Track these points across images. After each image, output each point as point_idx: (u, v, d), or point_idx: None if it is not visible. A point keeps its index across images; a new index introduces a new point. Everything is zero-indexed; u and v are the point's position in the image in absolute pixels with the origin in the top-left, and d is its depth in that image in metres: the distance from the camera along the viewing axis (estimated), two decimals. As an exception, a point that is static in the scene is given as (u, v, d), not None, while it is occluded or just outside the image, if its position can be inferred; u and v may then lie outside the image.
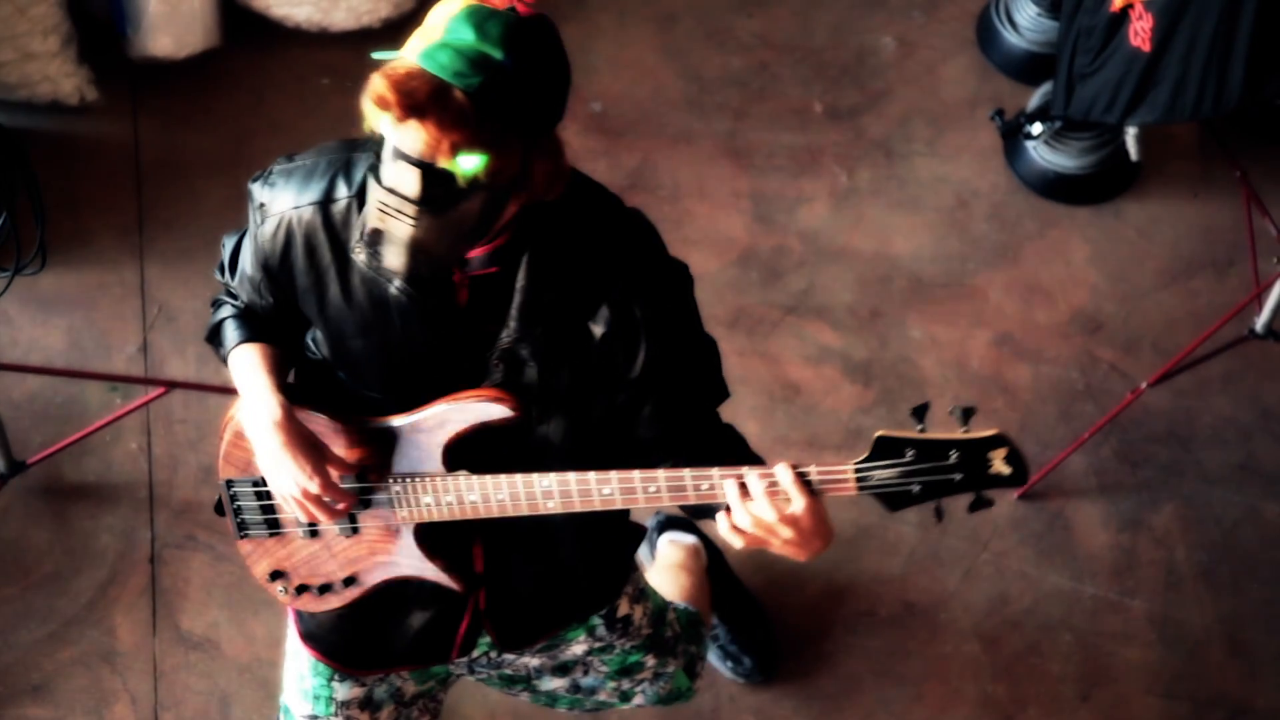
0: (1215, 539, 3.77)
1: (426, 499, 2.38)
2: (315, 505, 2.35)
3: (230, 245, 2.48)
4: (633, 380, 2.32)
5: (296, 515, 2.39)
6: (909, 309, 4.02)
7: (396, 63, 2.07)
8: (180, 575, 3.58)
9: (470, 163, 2.07)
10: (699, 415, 2.40)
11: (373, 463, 2.38)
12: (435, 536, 2.45)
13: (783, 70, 4.36)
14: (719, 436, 2.41)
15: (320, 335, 2.40)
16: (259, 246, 2.35)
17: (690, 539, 3.49)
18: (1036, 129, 3.95)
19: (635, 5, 4.43)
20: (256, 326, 2.44)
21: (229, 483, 2.52)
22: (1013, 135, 4.02)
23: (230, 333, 2.45)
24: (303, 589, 2.57)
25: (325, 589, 2.55)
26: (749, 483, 2.21)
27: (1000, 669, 3.59)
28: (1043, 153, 4.17)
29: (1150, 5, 3.38)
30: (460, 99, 2.04)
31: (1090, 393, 3.92)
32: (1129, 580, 3.71)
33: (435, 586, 2.51)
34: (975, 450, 2.14)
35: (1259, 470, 3.86)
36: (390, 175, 2.12)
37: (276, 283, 2.37)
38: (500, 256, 2.26)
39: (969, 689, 3.57)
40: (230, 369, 2.43)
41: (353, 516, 2.45)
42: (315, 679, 2.71)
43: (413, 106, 2.04)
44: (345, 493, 2.37)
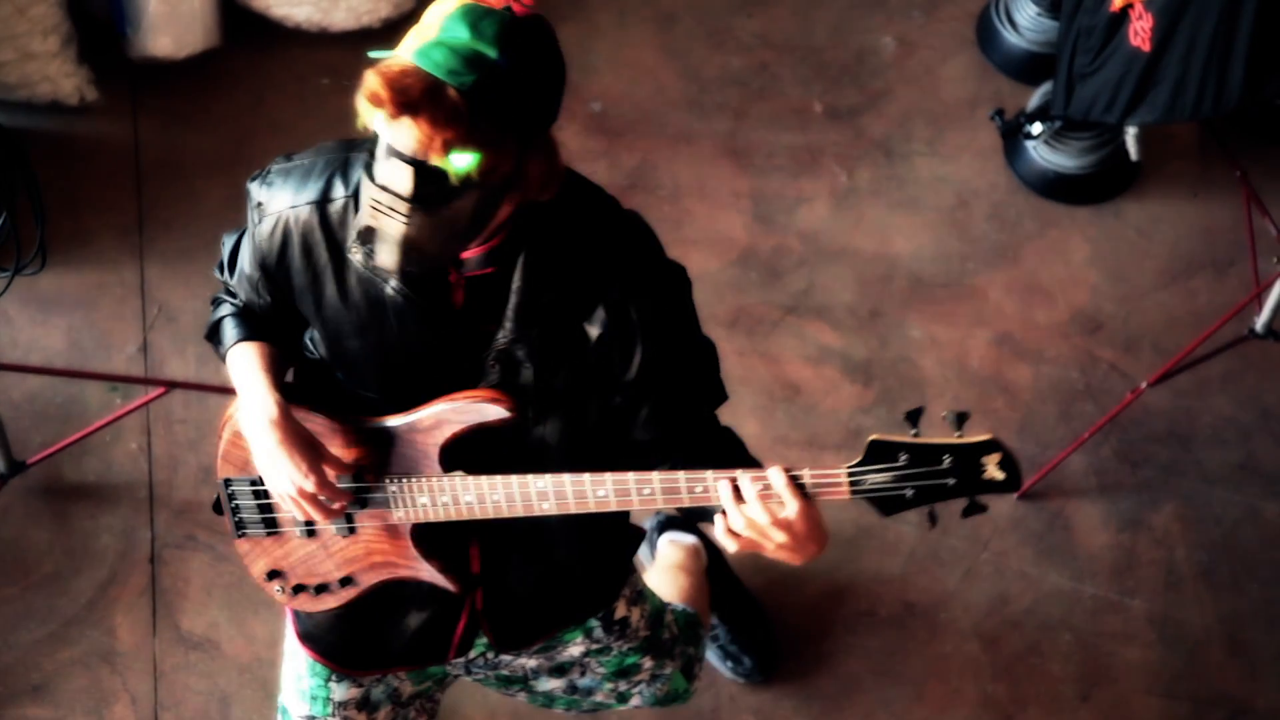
0: (1215, 539, 3.77)
1: (423, 499, 2.38)
2: (311, 504, 2.35)
3: (230, 244, 2.48)
4: (629, 382, 2.32)
5: (293, 514, 2.39)
6: (909, 309, 4.02)
7: (391, 60, 2.07)
8: (180, 575, 3.58)
9: (463, 161, 2.07)
10: (696, 418, 2.39)
11: (369, 463, 2.38)
12: (432, 537, 2.45)
13: (783, 70, 4.36)
14: (716, 439, 2.40)
15: (317, 335, 2.40)
16: (256, 246, 2.36)
17: (690, 539, 3.48)
18: (1036, 129, 3.94)
19: (635, 5, 4.42)
20: (255, 325, 2.45)
21: (227, 482, 2.53)
22: (1013, 135, 4.02)
23: (229, 331, 2.45)
24: (299, 589, 2.57)
25: (322, 589, 2.55)
26: (742, 486, 2.20)
27: (1000, 669, 3.59)
28: (1043, 153, 4.16)
29: (1150, 5, 3.38)
30: (454, 97, 2.04)
31: (1090, 392, 3.92)
32: (1129, 580, 3.71)
33: (432, 587, 2.51)
34: (968, 455, 2.13)
35: (1259, 470, 3.86)
36: (383, 172, 2.12)
37: (274, 282, 2.37)
38: (496, 257, 2.26)
39: (969, 689, 3.57)
40: (228, 367, 2.44)
41: (349, 516, 2.45)
42: (312, 679, 2.71)
43: (406, 103, 2.04)
44: (341, 491, 2.37)
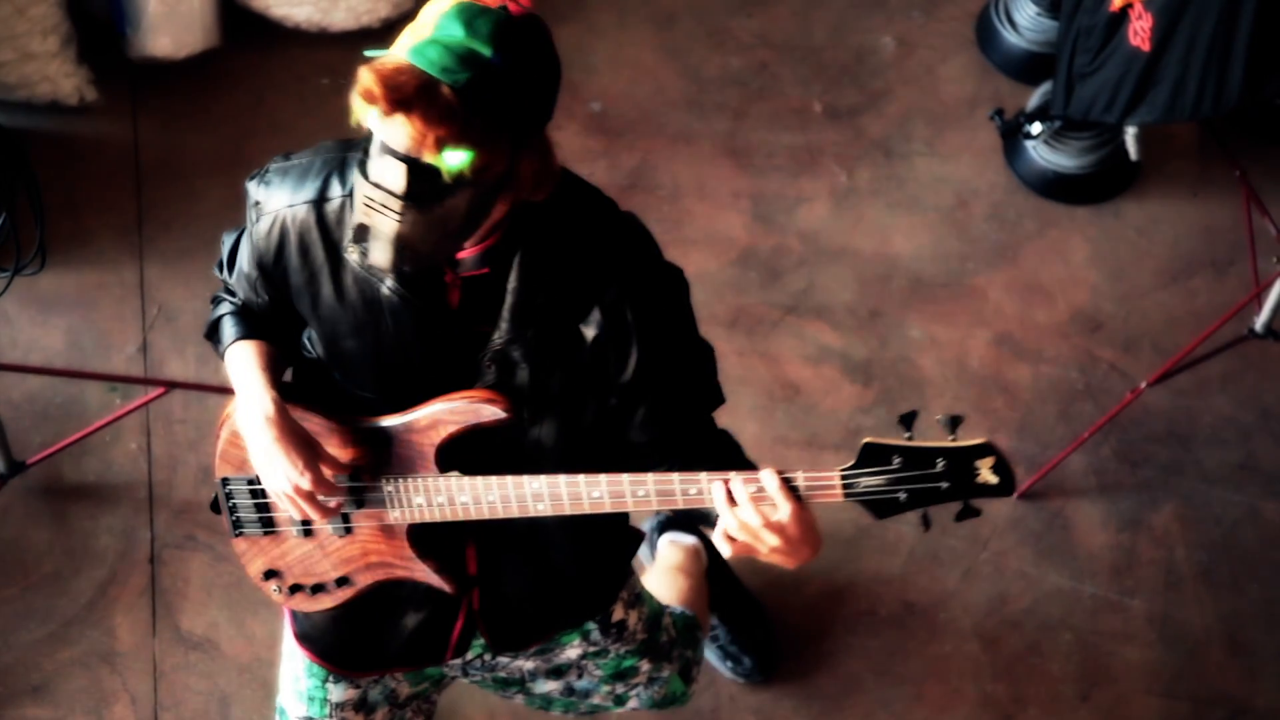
0: (1215, 539, 3.76)
1: (418, 499, 2.37)
2: (307, 501, 2.35)
3: (229, 242, 2.49)
4: (624, 384, 2.31)
5: (290, 512, 2.39)
6: (909, 309, 4.02)
7: (385, 58, 2.08)
8: (180, 575, 3.58)
9: (456, 158, 2.07)
10: (692, 420, 2.39)
11: (366, 463, 2.38)
12: (428, 537, 2.45)
13: (782, 70, 4.36)
14: (713, 442, 2.40)
15: (314, 334, 2.40)
16: (254, 244, 2.36)
17: (690, 540, 3.48)
18: (1036, 129, 3.94)
19: (635, 5, 4.42)
20: (253, 324, 2.45)
21: (224, 481, 2.53)
22: (1012, 135, 4.02)
23: (227, 330, 2.46)
24: (296, 588, 2.57)
25: (318, 589, 2.55)
26: (734, 488, 2.20)
27: (1000, 669, 3.59)
28: (1042, 152, 4.16)
29: (1150, 5, 3.38)
30: (447, 94, 2.04)
31: (1090, 392, 3.92)
32: (1129, 580, 3.70)
33: (429, 588, 2.51)
34: (962, 459, 2.13)
35: (1259, 470, 3.85)
36: (376, 170, 2.12)
37: (271, 281, 2.37)
38: (492, 257, 2.26)
39: (969, 689, 3.56)
40: (226, 365, 2.44)
41: (346, 516, 2.45)
42: (310, 680, 2.71)
43: (399, 100, 2.04)
44: (337, 489, 2.37)
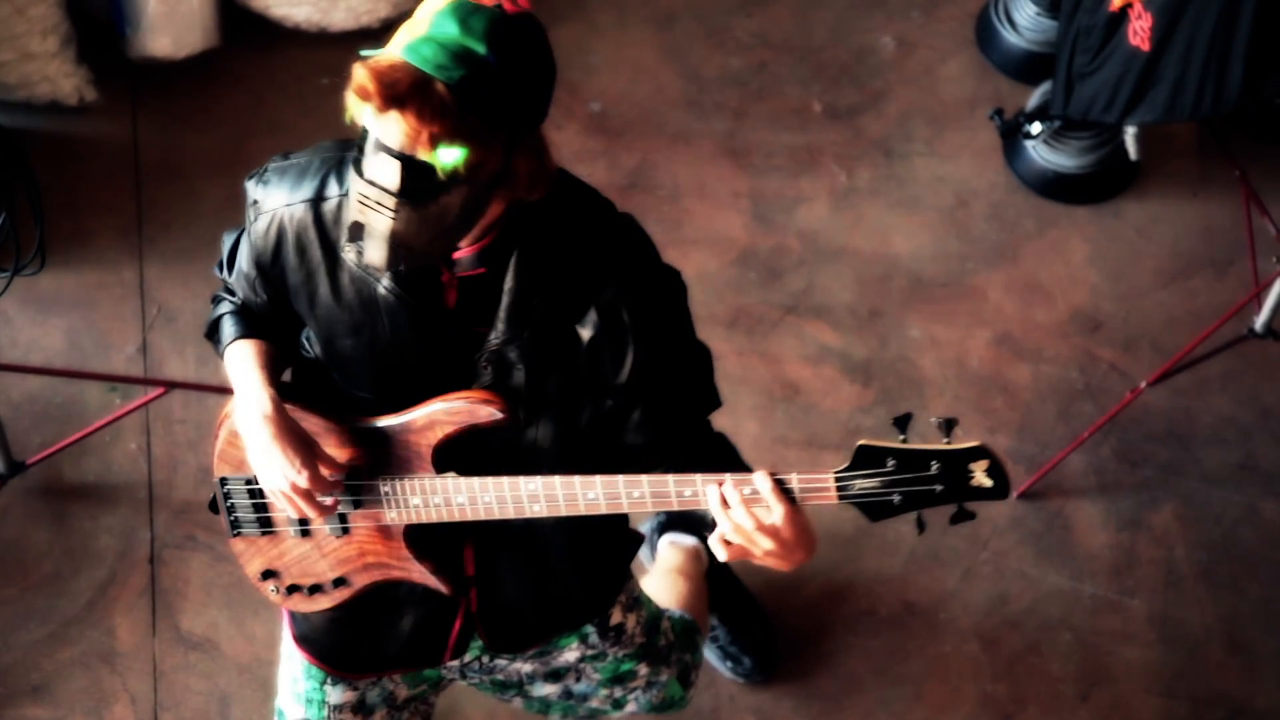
0: (1215, 538, 3.76)
1: (415, 500, 2.37)
2: (304, 500, 2.34)
3: (229, 242, 2.49)
4: (620, 385, 2.31)
5: (286, 511, 2.39)
6: (908, 309, 4.02)
7: (380, 55, 2.08)
8: (180, 575, 3.58)
9: (450, 156, 2.07)
10: (688, 423, 2.39)
11: (363, 463, 2.38)
12: (425, 538, 2.45)
13: (782, 70, 4.36)
14: (709, 445, 2.40)
15: (312, 334, 2.40)
16: (252, 244, 2.36)
17: (690, 541, 3.48)
18: (1036, 128, 3.94)
19: (634, 5, 4.42)
20: (252, 323, 2.45)
21: (223, 480, 2.53)
22: (1012, 135, 4.02)
23: (227, 328, 2.46)
24: (293, 589, 2.57)
25: (316, 589, 2.55)
26: (728, 490, 2.20)
27: (1000, 669, 3.59)
28: (1042, 152, 4.16)
29: (1149, 4, 3.38)
30: (441, 91, 2.05)
31: (1090, 392, 3.92)
32: (1129, 580, 3.70)
33: (426, 589, 2.51)
34: (956, 461, 2.13)
35: (1259, 470, 3.85)
36: (371, 167, 2.12)
37: (269, 280, 2.37)
38: (488, 257, 2.26)
39: (969, 689, 3.56)
40: (225, 364, 2.44)
41: (343, 516, 2.45)
42: (308, 682, 2.71)
43: (393, 97, 2.04)
44: (334, 487, 2.37)
